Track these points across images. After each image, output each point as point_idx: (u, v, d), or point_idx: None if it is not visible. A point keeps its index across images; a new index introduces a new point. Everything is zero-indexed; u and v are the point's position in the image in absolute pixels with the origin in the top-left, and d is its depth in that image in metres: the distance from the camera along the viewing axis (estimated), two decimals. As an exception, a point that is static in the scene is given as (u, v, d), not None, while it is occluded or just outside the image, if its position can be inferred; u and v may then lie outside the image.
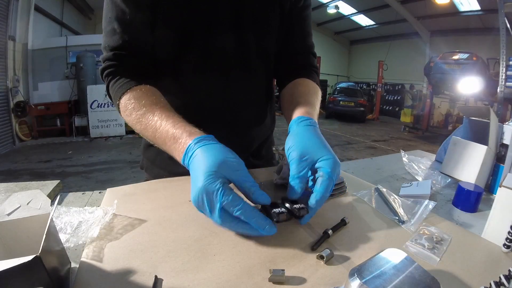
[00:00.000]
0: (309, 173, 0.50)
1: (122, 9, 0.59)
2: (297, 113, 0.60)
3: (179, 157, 0.50)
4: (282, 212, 0.45)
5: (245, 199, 0.43)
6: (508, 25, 4.07)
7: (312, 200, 0.46)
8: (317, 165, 0.49)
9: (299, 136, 0.53)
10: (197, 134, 0.49)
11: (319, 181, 0.47)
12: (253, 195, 0.45)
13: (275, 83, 0.86)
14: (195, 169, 0.45)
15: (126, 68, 0.62)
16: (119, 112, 0.62)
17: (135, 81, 0.60)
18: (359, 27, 12.03)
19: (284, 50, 0.78)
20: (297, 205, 0.46)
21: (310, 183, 0.51)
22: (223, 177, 0.42)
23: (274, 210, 0.45)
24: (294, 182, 0.48)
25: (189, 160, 0.47)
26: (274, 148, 0.67)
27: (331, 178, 0.47)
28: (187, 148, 0.48)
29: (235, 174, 0.44)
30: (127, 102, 0.58)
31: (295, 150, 0.50)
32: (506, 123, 0.86)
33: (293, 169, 0.49)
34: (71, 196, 0.68)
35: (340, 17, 11.27)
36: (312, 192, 0.47)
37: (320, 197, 0.46)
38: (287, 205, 0.47)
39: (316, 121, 0.60)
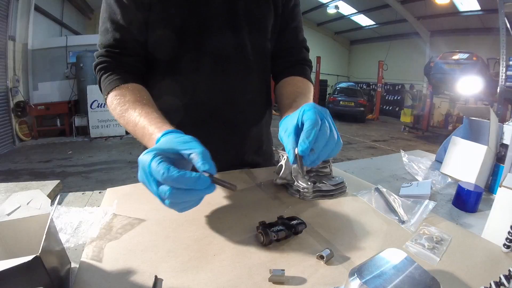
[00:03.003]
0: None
1: (114, 10, 0.63)
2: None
3: None
4: (281, 230, 0.45)
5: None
6: (508, 25, 4.07)
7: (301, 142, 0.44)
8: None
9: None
10: (166, 128, 0.49)
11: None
12: (197, 163, 0.39)
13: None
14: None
15: (117, 65, 0.65)
16: (107, 105, 0.64)
17: (124, 79, 0.63)
18: (359, 27, 12.02)
19: (278, 46, 0.81)
20: (295, 221, 0.47)
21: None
22: (161, 151, 0.39)
23: (272, 228, 0.44)
24: (287, 150, 0.46)
25: None
26: (274, 148, 0.67)
27: (312, 119, 0.44)
28: (156, 141, 0.47)
29: (179, 145, 0.40)
30: (113, 98, 0.61)
31: (281, 131, 0.49)
32: (506, 123, 0.86)
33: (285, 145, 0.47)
34: (71, 196, 0.68)
35: (340, 17, 11.26)
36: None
37: (305, 134, 0.43)
38: (284, 222, 0.47)
39: None
